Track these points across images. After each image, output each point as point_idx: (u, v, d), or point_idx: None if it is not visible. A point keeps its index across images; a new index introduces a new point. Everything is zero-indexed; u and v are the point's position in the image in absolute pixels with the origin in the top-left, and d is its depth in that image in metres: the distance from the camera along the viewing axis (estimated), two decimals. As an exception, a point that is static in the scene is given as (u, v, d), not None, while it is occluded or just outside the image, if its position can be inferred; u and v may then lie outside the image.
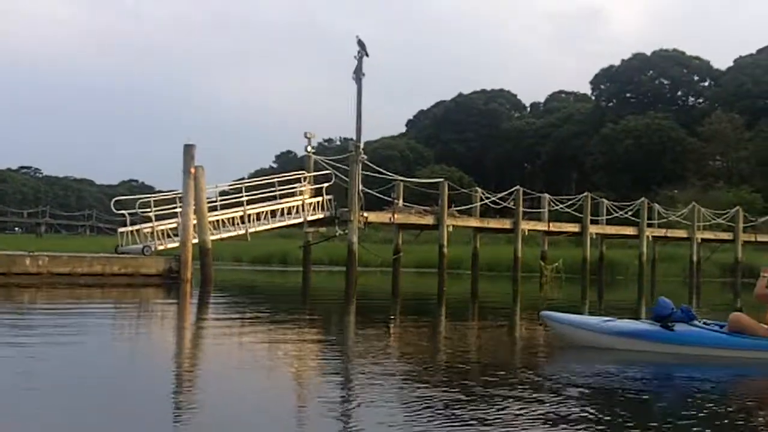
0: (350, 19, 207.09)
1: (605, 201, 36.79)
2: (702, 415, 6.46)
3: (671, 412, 6.64)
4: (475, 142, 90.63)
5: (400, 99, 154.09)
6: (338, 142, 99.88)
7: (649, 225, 37.25)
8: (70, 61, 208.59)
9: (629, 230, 36.88)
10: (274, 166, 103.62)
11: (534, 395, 7.06)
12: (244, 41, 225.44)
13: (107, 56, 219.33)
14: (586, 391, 7.41)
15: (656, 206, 38.85)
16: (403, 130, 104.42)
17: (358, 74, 28.69)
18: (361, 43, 27.96)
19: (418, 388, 7.32)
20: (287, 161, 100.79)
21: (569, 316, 10.81)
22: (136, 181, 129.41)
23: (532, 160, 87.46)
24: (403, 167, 64.51)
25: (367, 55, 28.06)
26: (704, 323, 9.76)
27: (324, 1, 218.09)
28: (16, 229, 77.05)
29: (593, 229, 35.07)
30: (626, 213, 36.81)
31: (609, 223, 36.96)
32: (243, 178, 60.60)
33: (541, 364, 9.67)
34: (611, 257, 38.55)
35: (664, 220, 38.45)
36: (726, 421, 6.35)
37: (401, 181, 31.05)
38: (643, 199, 37.43)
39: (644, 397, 7.34)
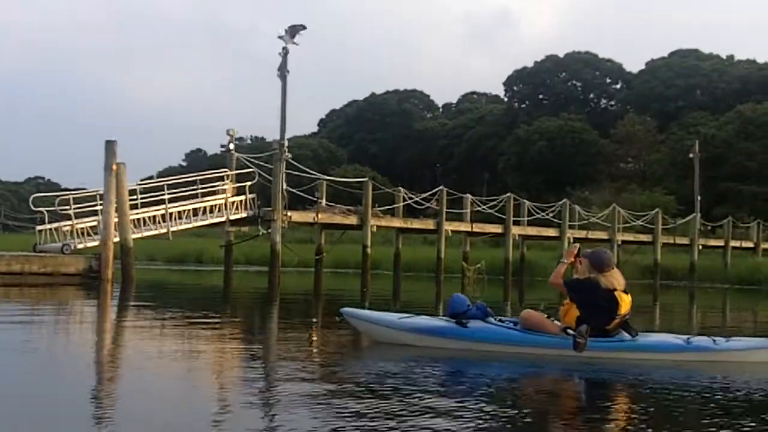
0: (256, 16, 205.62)
1: (527, 202, 37.05)
2: (485, 410, 6.45)
3: (457, 409, 6.51)
4: (388, 143, 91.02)
5: (311, 98, 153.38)
6: (249, 141, 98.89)
7: (570, 226, 37.56)
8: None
9: (551, 231, 37.10)
10: (184, 164, 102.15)
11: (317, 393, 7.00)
12: (147, 37, 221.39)
13: (8, 52, 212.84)
14: (374, 388, 7.33)
15: (577, 208, 39.26)
16: (315, 129, 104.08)
17: (283, 71, 28.21)
18: (292, 29, 27.08)
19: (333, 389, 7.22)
20: (197, 159, 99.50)
21: (368, 313, 10.77)
22: (42, 178, 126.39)
23: (444, 161, 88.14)
24: (316, 167, 64.14)
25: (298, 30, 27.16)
26: (499, 320, 9.76)
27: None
28: None
29: (516, 231, 35.30)
30: (548, 214, 37.14)
31: (528, 224, 37.22)
32: (152, 177, 59.55)
33: (342, 360, 9.53)
34: (530, 258, 38.91)
35: (585, 221, 39.00)
36: (508, 415, 6.42)
37: (324, 180, 30.74)
38: (564, 200, 37.76)
39: (431, 393, 7.19)
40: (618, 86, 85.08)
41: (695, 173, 48.10)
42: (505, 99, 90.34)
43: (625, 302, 9.12)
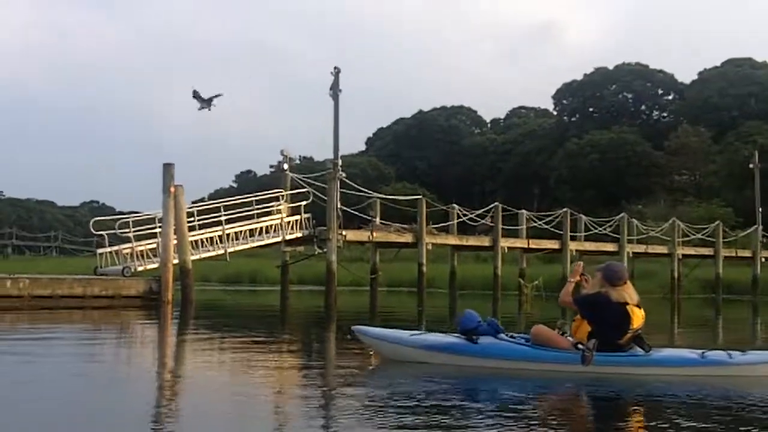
0: (299, 37, 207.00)
1: (583, 217, 36.56)
2: (494, 428, 6.38)
3: (467, 427, 6.48)
4: (436, 159, 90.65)
5: (358, 117, 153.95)
6: (298, 161, 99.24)
7: (628, 241, 36.89)
8: (25, 83, 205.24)
9: (610, 246, 36.46)
10: (234, 185, 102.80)
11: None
12: (197, 62, 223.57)
13: (62, 77, 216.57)
14: (382, 405, 7.31)
15: (635, 222, 38.66)
16: (363, 148, 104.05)
17: (335, 90, 28.35)
18: (196, 95, 27.02)
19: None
20: (247, 181, 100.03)
21: (379, 330, 10.71)
22: (97, 202, 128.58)
23: (493, 176, 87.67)
24: (365, 185, 64.11)
25: (208, 107, 27.24)
26: (511, 336, 9.65)
27: (270, 20, 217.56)
28: (-22, 251, 76.14)
29: (573, 246, 34.80)
30: (605, 229, 36.62)
31: (585, 239, 36.61)
32: (203, 199, 59.99)
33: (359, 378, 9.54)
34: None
35: (643, 235, 38.41)
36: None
37: (378, 198, 30.72)
38: (623, 214, 37.27)
39: (444, 410, 7.18)
40: (670, 97, 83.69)
41: (756, 184, 47.13)
42: (555, 113, 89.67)
43: (638, 316, 9.06)
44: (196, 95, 26.57)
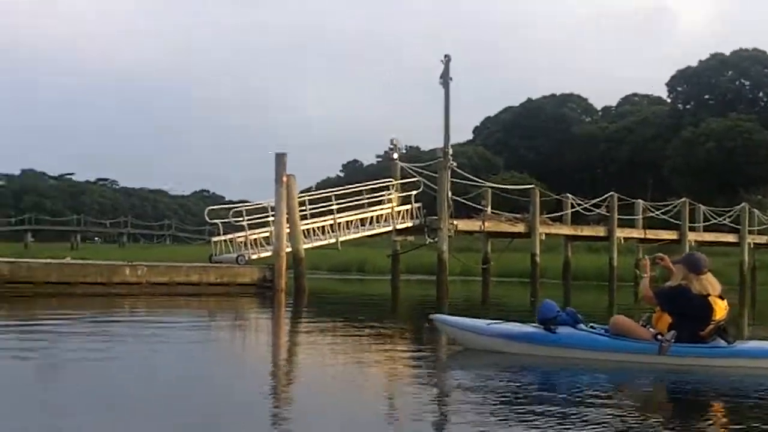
0: (404, 27, 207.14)
1: (702, 207, 35.44)
2: (580, 421, 6.30)
3: (551, 417, 6.43)
4: (545, 148, 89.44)
5: (465, 106, 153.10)
6: (404, 150, 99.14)
7: (749, 231, 35.66)
8: (138, 74, 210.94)
9: (729, 237, 35.30)
10: (341, 175, 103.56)
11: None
12: (306, 52, 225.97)
13: (171, 68, 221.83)
14: (467, 394, 7.43)
15: (756, 212, 37.37)
16: (470, 137, 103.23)
17: (446, 78, 27.99)
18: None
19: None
20: (354, 170, 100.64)
21: (457, 319, 10.71)
22: (208, 191, 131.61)
23: (605, 165, 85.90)
24: (472, 174, 63.57)
25: None
26: (591, 327, 9.55)
27: (378, 9, 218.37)
28: (96, 239, 79.19)
29: (692, 237, 33.74)
30: (724, 219, 35.42)
31: (703, 229, 35.49)
32: (310, 188, 60.65)
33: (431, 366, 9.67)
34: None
35: (764, 226, 37.04)
36: (606, 426, 6.25)
37: (489, 187, 30.38)
38: (744, 204, 36.07)
39: (525, 401, 7.19)
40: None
41: None
42: (668, 100, 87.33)
43: (720, 308, 8.94)
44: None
